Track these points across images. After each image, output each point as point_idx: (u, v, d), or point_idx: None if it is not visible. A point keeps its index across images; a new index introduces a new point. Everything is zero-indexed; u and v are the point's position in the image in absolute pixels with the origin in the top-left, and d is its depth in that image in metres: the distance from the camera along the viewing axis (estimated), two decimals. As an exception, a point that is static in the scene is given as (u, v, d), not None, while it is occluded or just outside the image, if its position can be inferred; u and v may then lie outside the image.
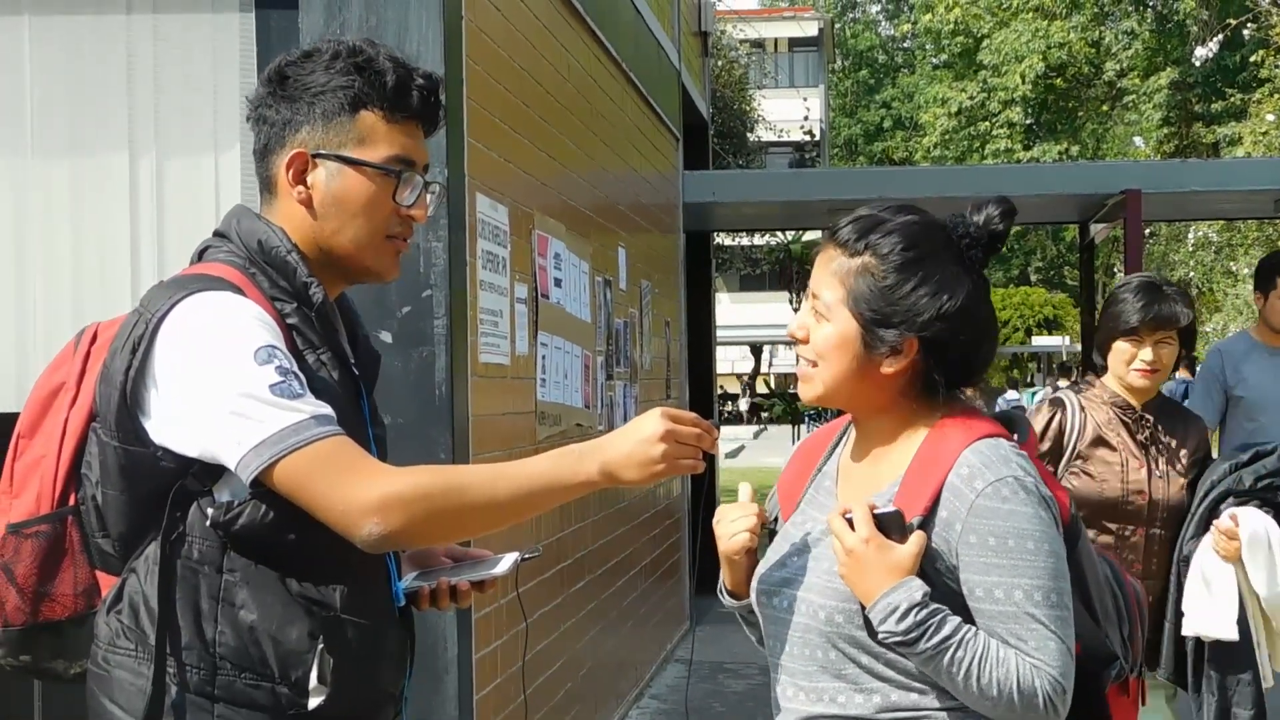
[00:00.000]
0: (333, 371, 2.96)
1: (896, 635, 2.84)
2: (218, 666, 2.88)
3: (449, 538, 2.94)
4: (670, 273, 13.73)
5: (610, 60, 10.32)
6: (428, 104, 3.06)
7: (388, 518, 2.77)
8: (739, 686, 11.25)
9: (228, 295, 2.88)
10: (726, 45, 25.79)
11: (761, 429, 49.46)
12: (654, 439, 2.83)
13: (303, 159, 2.98)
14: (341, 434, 2.81)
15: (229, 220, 3.07)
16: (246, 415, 2.78)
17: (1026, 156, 39.75)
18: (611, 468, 2.85)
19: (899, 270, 2.96)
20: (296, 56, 3.04)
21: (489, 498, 2.83)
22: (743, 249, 32.78)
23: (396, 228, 3.04)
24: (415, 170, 3.03)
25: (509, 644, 7.08)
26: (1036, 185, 15.80)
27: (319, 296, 2.97)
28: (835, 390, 3.02)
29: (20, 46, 6.27)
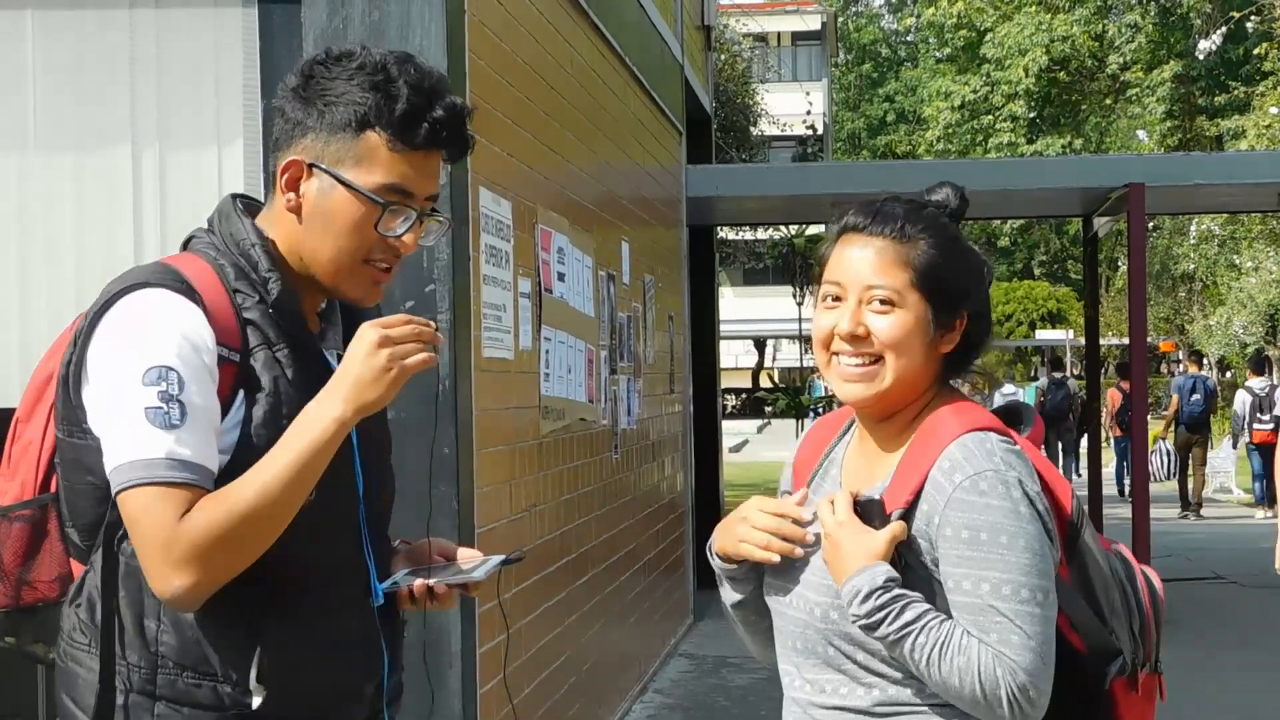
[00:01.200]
0: (286, 369, 2.92)
1: (860, 618, 2.86)
2: (159, 665, 2.87)
3: (255, 552, 2.81)
4: (673, 267, 13.72)
5: (613, 54, 10.31)
6: (437, 137, 2.96)
7: (185, 575, 2.75)
8: (743, 680, 11.25)
9: (162, 295, 2.86)
10: (729, 39, 25.75)
11: (765, 423, 49.44)
12: (372, 350, 2.82)
13: (298, 167, 2.94)
14: (184, 484, 2.77)
15: (215, 209, 3.06)
16: (120, 433, 2.79)
17: (1030, 150, 39.72)
18: (350, 397, 2.82)
19: (952, 245, 3.01)
20: (329, 56, 2.99)
21: (264, 495, 2.77)
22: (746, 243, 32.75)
23: (378, 254, 2.97)
24: (411, 202, 2.96)
25: (513, 638, 7.08)
26: (1040, 179, 15.79)
27: (275, 290, 2.93)
28: (902, 379, 2.99)
29: (24, 40, 6.27)
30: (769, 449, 37.41)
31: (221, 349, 2.86)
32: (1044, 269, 66.97)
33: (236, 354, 2.88)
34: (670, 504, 12.87)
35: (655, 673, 11.53)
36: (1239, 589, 16.34)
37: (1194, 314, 49.85)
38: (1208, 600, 15.53)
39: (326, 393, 2.84)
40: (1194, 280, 48.26)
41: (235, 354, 2.88)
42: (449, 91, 3.00)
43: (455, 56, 6.22)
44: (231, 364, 2.87)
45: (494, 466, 6.84)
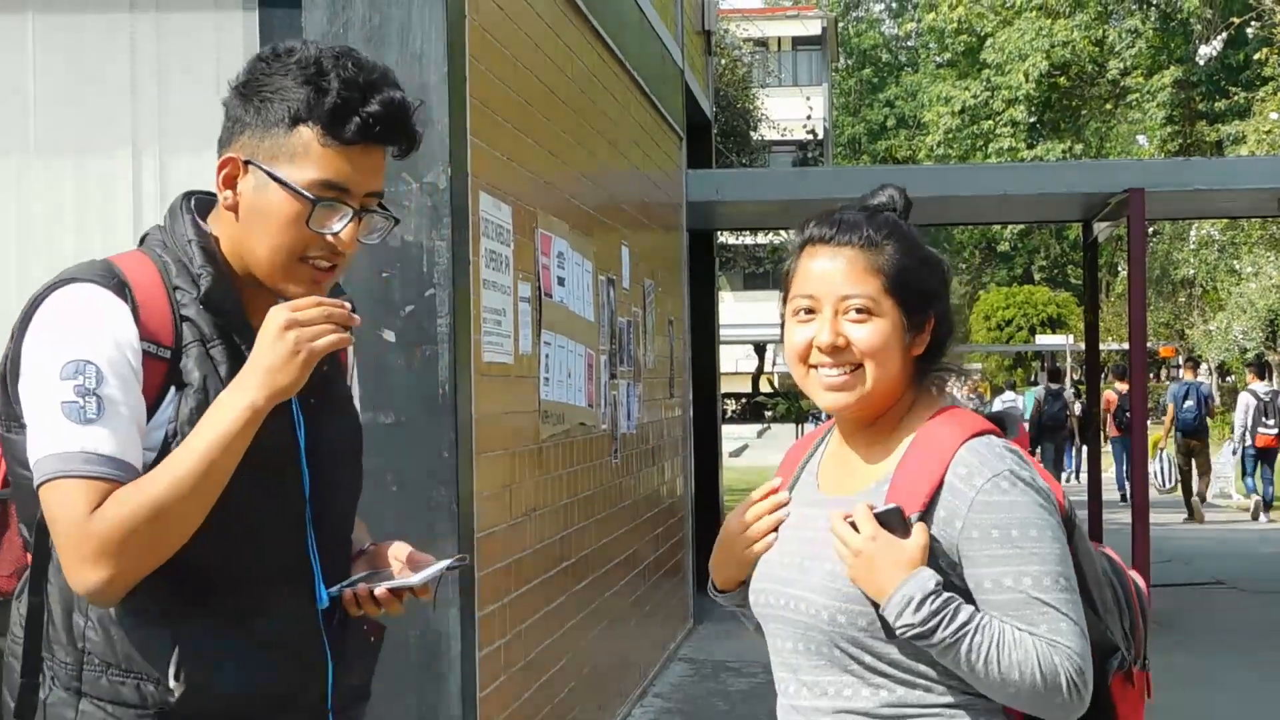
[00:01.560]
0: (219, 366, 2.90)
1: (915, 627, 2.85)
2: (85, 661, 2.87)
3: (171, 544, 2.79)
4: (674, 271, 13.73)
5: (614, 59, 10.32)
6: (371, 132, 2.90)
7: (100, 570, 2.75)
8: (742, 685, 11.26)
9: (88, 290, 2.86)
10: (730, 44, 25.76)
11: (765, 428, 49.42)
12: (279, 334, 2.80)
13: (234, 164, 2.93)
14: (101, 477, 2.76)
15: (168, 207, 3.06)
16: (39, 426, 2.80)
17: (1030, 155, 39.75)
18: (261, 384, 2.79)
19: (914, 250, 3.04)
20: (270, 53, 2.97)
21: (177, 487, 2.76)
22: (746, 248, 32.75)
23: (315, 252, 2.93)
24: (347, 198, 2.91)
25: (512, 643, 7.09)
26: (1040, 184, 15.79)
27: (205, 285, 2.91)
28: (882, 385, 3.02)
29: (24, 44, 6.28)
30: (769, 454, 37.38)
31: (148, 345, 2.85)
32: (1044, 274, 66.94)
33: (168, 351, 2.87)
34: (670, 508, 12.87)
35: (655, 677, 11.53)
36: (1239, 594, 16.35)
37: (1194, 319, 49.85)
38: (1208, 605, 15.53)
39: (238, 381, 2.82)
40: (1194, 285, 48.27)
41: (166, 351, 2.87)
42: (391, 85, 2.95)
43: (456, 60, 6.23)
44: (160, 360, 2.86)
45: (494, 471, 6.84)
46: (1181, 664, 11.97)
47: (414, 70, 6.04)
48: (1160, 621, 13.71)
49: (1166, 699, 10.49)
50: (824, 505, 3.06)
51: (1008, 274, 67.96)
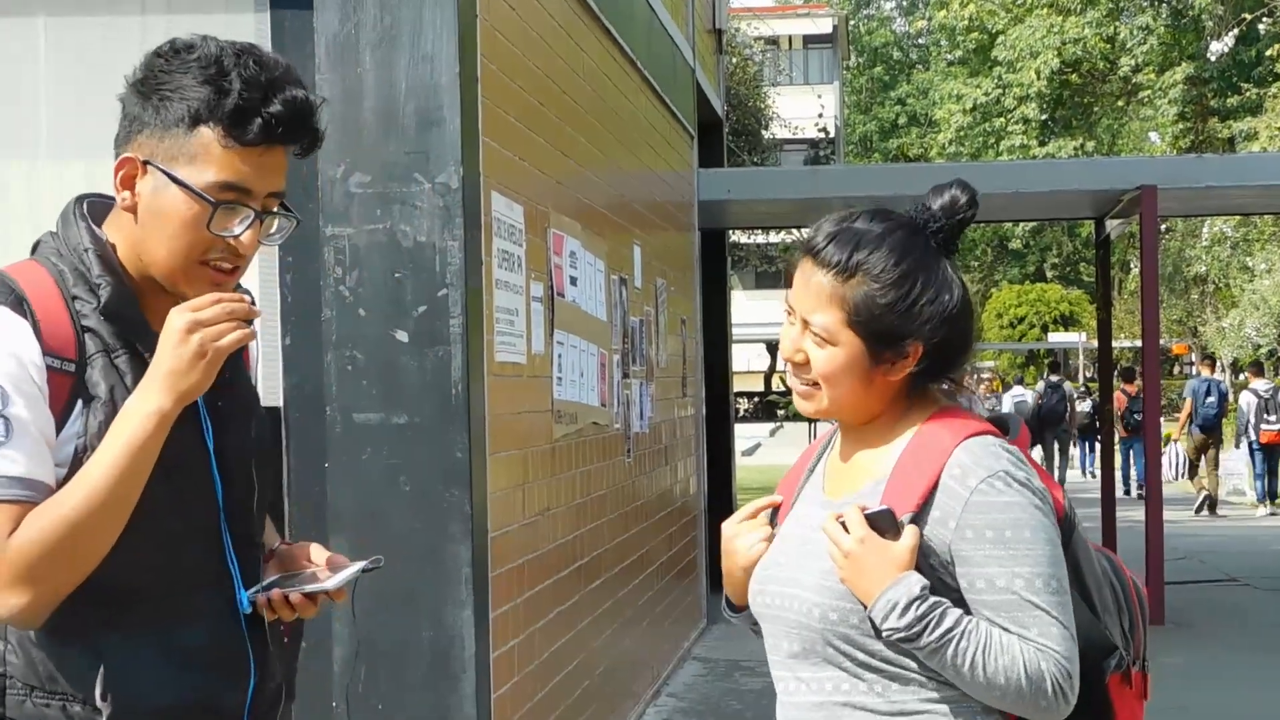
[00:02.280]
0: (125, 376, 2.82)
1: (900, 631, 2.86)
2: (7, 686, 2.81)
3: (90, 560, 2.73)
4: (685, 270, 13.72)
5: (625, 58, 10.32)
6: (274, 133, 2.82)
7: (19, 593, 2.70)
8: (756, 684, 11.25)
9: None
10: (741, 43, 25.77)
11: (778, 426, 49.43)
12: (182, 337, 2.74)
13: (133, 165, 2.87)
14: (12, 500, 2.69)
15: (60, 213, 3.00)
16: None
17: (1042, 152, 39.67)
18: (167, 388, 2.75)
19: (897, 285, 2.95)
20: (169, 50, 2.91)
21: (90, 500, 2.70)
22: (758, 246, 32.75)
23: (216, 254, 2.85)
24: (249, 200, 2.84)
25: (526, 642, 7.09)
26: (1052, 181, 15.77)
27: (105, 295, 2.84)
28: (839, 406, 3.05)
29: (35, 47, 6.28)
30: (782, 452, 37.37)
31: (51, 360, 2.77)
32: (1056, 271, 66.93)
33: (71, 364, 2.80)
34: (683, 507, 12.87)
35: (668, 676, 11.52)
36: (1253, 591, 16.32)
37: (1206, 316, 49.80)
38: (1221, 602, 15.52)
39: (143, 387, 2.77)
40: (1206, 282, 48.23)
41: (70, 364, 2.80)
42: (293, 83, 2.89)
43: (467, 61, 6.23)
44: (65, 375, 2.79)
45: (507, 471, 6.84)
46: (1196, 661, 11.95)
47: (425, 70, 6.04)
48: (1175, 620, 13.71)
49: (1181, 696, 10.51)
50: (825, 506, 3.07)
51: (1020, 272, 67.95)
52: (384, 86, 6.01)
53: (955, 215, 3.03)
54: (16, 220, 6.32)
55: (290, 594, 2.97)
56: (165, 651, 2.85)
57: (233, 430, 2.98)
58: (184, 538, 2.89)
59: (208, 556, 2.92)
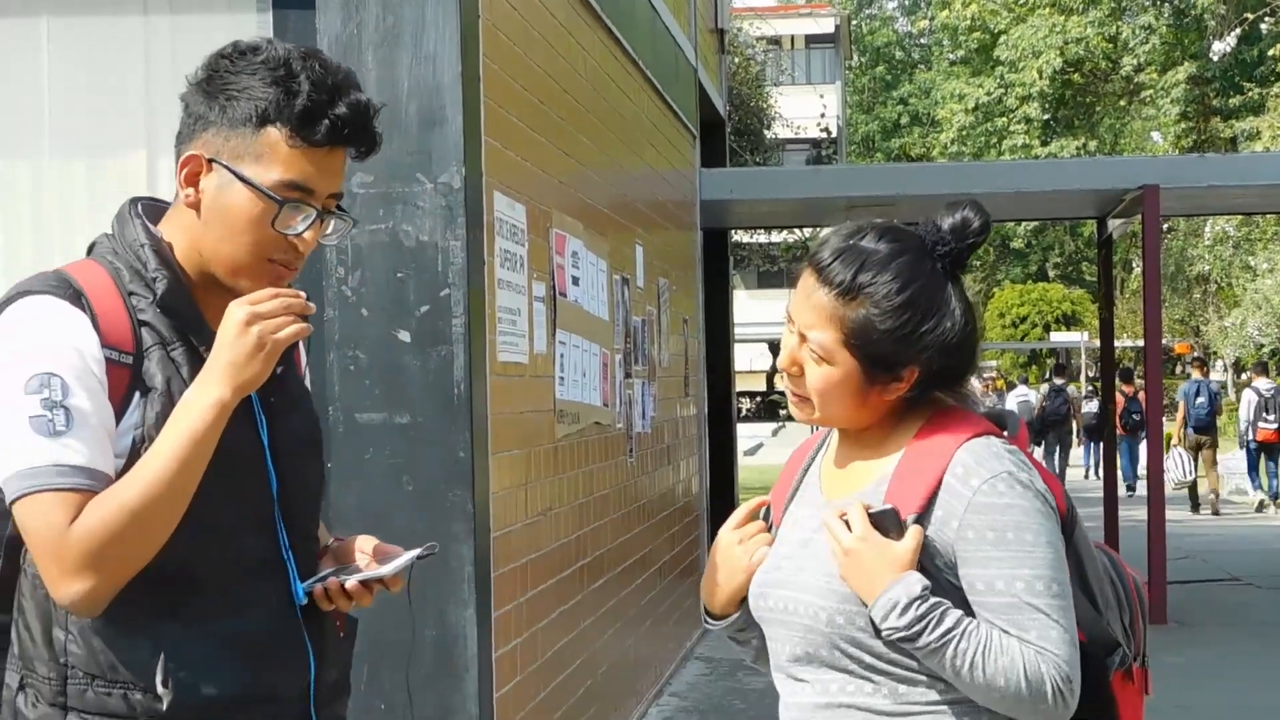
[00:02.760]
0: (181, 368, 2.88)
1: (899, 631, 2.85)
2: (68, 676, 2.85)
3: (150, 548, 2.78)
4: (688, 270, 13.73)
5: (627, 58, 10.33)
6: (339, 135, 2.90)
7: (81, 581, 2.74)
8: (759, 684, 11.24)
9: (44, 303, 2.84)
10: (743, 42, 25.77)
11: (780, 426, 49.43)
12: (242, 329, 2.79)
13: (197, 162, 2.92)
14: (73, 489, 2.74)
15: (115, 215, 3.06)
16: (7, 443, 2.77)
17: (1044, 152, 39.72)
18: (227, 378, 2.79)
19: (898, 313, 2.93)
20: (234, 51, 2.95)
21: (150, 489, 2.75)
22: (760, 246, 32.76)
23: (279, 253, 2.92)
24: (311, 199, 2.91)
25: (529, 642, 7.09)
26: (1054, 181, 15.78)
27: (161, 289, 2.90)
28: (832, 418, 3.05)
29: (39, 47, 6.29)
30: (784, 452, 37.27)
31: (110, 352, 2.83)
32: (1058, 271, 66.92)
33: (129, 357, 2.85)
34: (685, 507, 12.88)
35: (671, 676, 11.53)
36: (1255, 590, 16.33)
37: (1209, 315, 49.81)
38: (1223, 601, 15.52)
39: (202, 378, 2.81)
40: (1209, 282, 48.24)
41: (127, 357, 2.85)
42: (356, 88, 2.95)
43: (469, 60, 6.23)
44: (123, 367, 2.84)
45: (509, 470, 6.84)
46: (1198, 660, 11.96)
47: (427, 70, 6.05)
48: (1177, 619, 13.72)
49: (1183, 695, 10.50)
50: (823, 507, 3.06)
51: (1022, 271, 67.93)
52: (386, 86, 6.01)
53: (965, 239, 3.00)
54: (20, 218, 6.33)
55: (347, 582, 3.01)
56: (223, 640, 2.89)
57: (285, 425, 3.03)
58: (240, 529, 2.94)
59: (264, 548, 2.97)
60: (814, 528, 3.03)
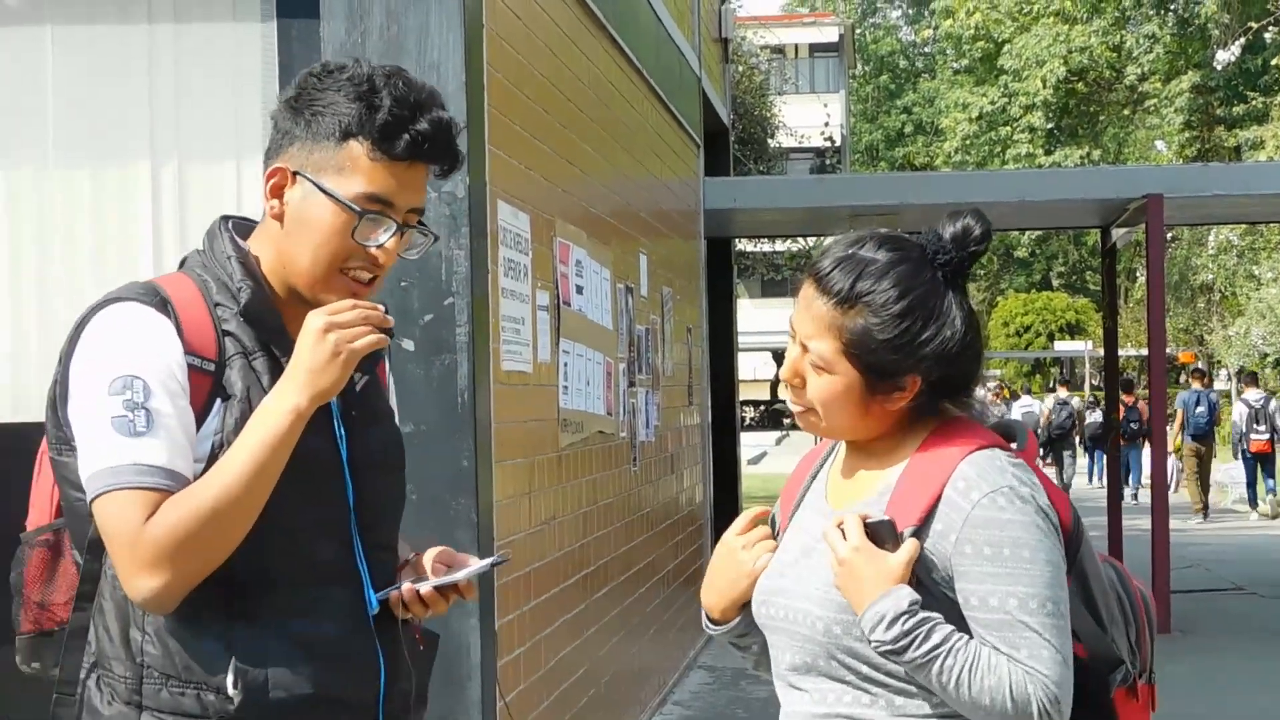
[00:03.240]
0: (262, 377, 2.96)
1: (885, 644, 2.84)
2: (144, 675, 2.91)
3: (222, 550, 2.85)
4: (692, 279, 13.73)
5: (631, 67, 10.33)
6: (420, 149, 2.98)
7: (155, 578, 2.80)
8: (762, 693, 11.24)
9: (131, 309, 2.93)
10: (747, 51, 25.75)
11: (784, 434, 49.42)
12: (319, 337, 2.85)
13: (283, 174, 2.99)
14: (152, 488, 2.81)
15: (206, 231, 3.13)
16: (90, 443, 2.86)
17: (1048, 161, 39.74)
18: (303, 385, 2.85)
19: (897, 321, 2.92)
20: (322, 69, 3.03)
21: (226, 492, 2.81)
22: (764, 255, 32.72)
23: (356, 264, 2.99)
24: (391, 212, 2.98)
25: (532, 651, 7.09)
26: (1058, 190, 15.79)
27: (244, 298, 2.97)
28: (836, 428, 3.03)
29: (43, 56, 6.29)
30: (788, 461, 37.31)
31: (193, 359, 2.90)
32: (1062, 280, 66.94)
33: (211, 364, 2.92)
34: (689, 516, 12.87)
35: (674, 685, 11.52)
36: (1259, 600, 16.32)
37: (1213, 325, 49.77)
38: (1227, 611, 15.51)
39: (280, 386, 2.88)
40: (1213, 291, 48.20)
41: (210, 364, 2.92)
42: (439, 106, 3.03)
43: (473, 70, 6.24)
44: (205, 374, 2.91)
45: (513, 479, 6.85)
46: (1202, 670, 11.95)
47: (431, 79, 6.01)
48: (1181, 628, 13.71)
49: (1188, 705, 10.48)
50: (828, 515, 3.04)
51: (1026, 280, 67.94)
52: (390, 95, 6.00)
53: (966, 247, 2.99)
54: (26, 227, 6.33)
55: (421, 588, 3.08)
56: (294, 644, 2.95)
57: (364, 438, 3.10)
58: (315, 535, 3.00)
59: (338, 556, 3.03)
60: (818, 536, 3.01)
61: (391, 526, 3.22)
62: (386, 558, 3.16)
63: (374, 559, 3.09)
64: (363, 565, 3.06)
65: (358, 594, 3.05)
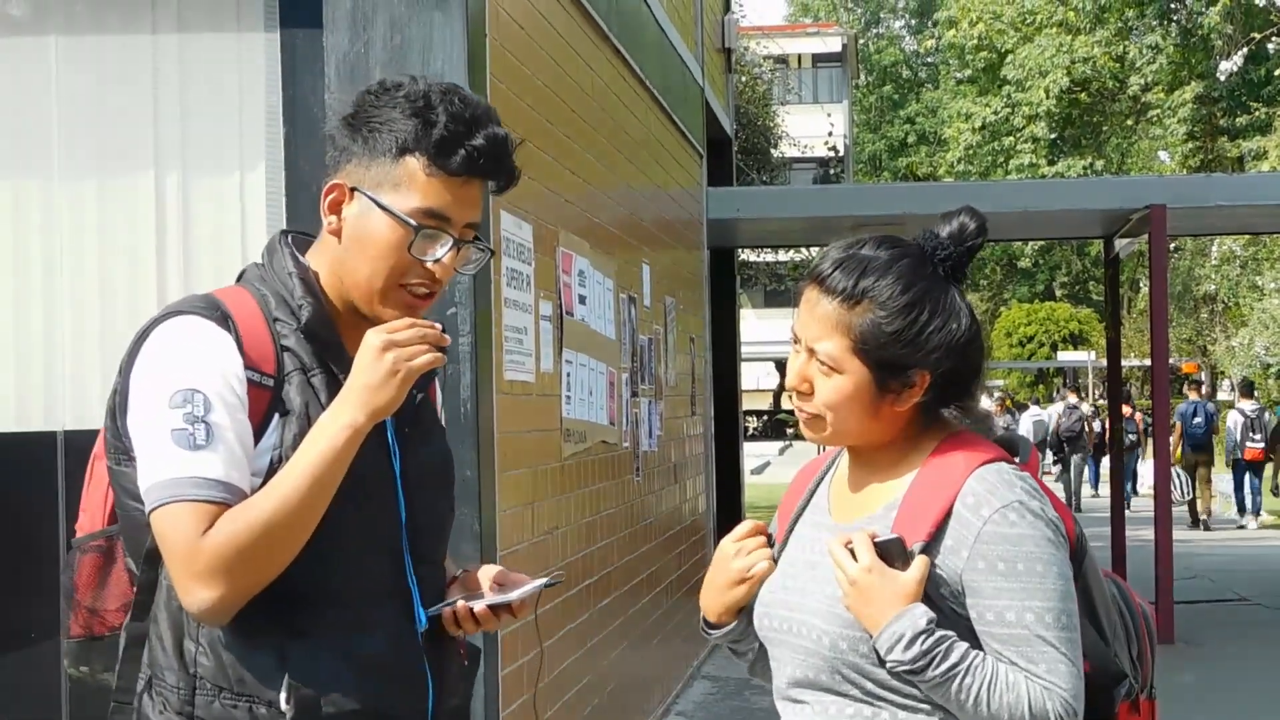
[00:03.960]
0: (319, 393, 2.98)
1: (904, 664, 2.83)
2: (197, 687, 2.92)
3: (278, 563, 2.87)
4: (694, 289, 13.73)
5: (634, 77, 10.34)
6: (476, 165, 3.01)
7: (211, 588, 2.82)
8: (765, 703, 11.18)
9: (192, 322, 2.94)
10: (750, 61, 25.79)
11: (787, 445, 49.38)
12: (377, 355, 2.88)
13: (340, 191, 3.02)
14: (209, 500, 2.83)
15: (265, 246, 3.15)
16: (148, 455, 2.88)
17: (1051, 171, 39.75)
18: (361, 403, 2.88)
19: (904, 313, 2.92)
20: (379, 87, 3.07)
21: (283, 506, 2.83)
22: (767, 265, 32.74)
23: (414, 279, 3.02)
24: (447, 227, 3.01)
25: (534, 661, 7.08)
26: (1061, 200, 15.79)
27: (305, 315, 3.00)
28: (845, 434, 3.01)
29: (47, 67, 6.30)
30: (791, 471, 37.05)
31: (252, 373, 2.92)
32: (1065, 290, 66.88)
33: (270, 379, 2.95)
34: (692, 526, 12.87)
35: (678, 694, 11.52)
36: (1263, 610, 16.31)
37: (1216, 335, 49.76)
38: (1231, 622, 15.50)
39: (338, 402, 2.90)
40: (1216, 301, 48.21)
41: (269, 379, 2.94)
42: (494, 122, 3.06)
43: (476, 80, 6.24)
44: (264, 389, 2.94)
45: (515, 489, 6.85)
46: (1206, 681, 11.94)
47: (435, 90, 6.05)
48: (1185, 639, 13.69)
49: (1191, 715, 10.46)
50: (832, 530, 3.03)
51: (1029, 290, 67.90)
52: (394, 105, 6.01)
53: (964, 242, 3.00)
54: (31, 237, 6.33)
55: (476, 606, 3.11)
56: (346, 659, 2.96)
57: (417, 456, 3.12)
58: (368, 551, 3.02)
59: (390, 571, 3.05)
60: (821, 550, 2.99)
61: (440, 543, 3.24)
62: (435, 574, 3.18)
63: (423, 575, 3.11)
64: (413, 581, 3.08)
65: (407, 610, 3.07)
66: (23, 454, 6.09)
